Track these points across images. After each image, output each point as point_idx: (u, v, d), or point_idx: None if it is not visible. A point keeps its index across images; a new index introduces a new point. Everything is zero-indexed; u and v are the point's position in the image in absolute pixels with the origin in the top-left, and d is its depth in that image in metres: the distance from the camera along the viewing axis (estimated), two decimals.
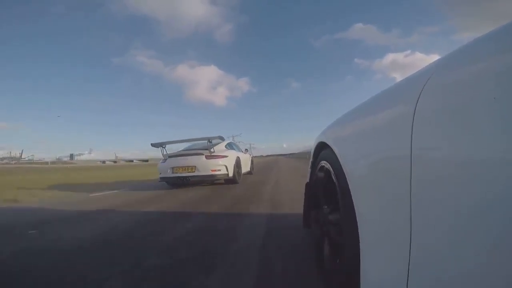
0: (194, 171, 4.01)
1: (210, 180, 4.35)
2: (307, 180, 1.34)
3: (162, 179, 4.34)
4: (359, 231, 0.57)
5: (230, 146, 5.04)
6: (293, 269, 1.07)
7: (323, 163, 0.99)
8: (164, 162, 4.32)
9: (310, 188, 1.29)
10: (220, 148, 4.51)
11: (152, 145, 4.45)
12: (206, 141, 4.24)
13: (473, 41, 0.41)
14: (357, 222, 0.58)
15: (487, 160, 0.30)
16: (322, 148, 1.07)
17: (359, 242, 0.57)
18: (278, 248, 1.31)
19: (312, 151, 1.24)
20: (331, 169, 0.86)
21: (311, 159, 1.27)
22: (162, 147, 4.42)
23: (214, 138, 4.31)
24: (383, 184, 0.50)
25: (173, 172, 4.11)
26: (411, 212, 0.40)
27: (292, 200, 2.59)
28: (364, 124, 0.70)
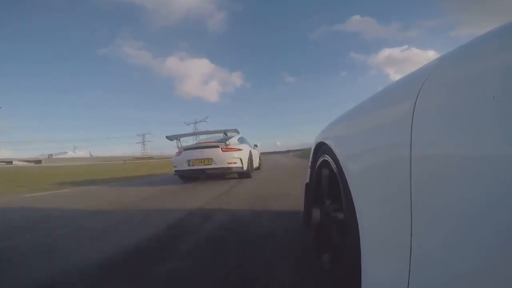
0: (210, 164, 3.97)
1: (224, 174, 4.35)
2: (307, 180, 1.34)
3: (177, 172, 4.25)
4: (359, 231, 0.57)
5: (241, 140, 4.91)
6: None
7: (323, 161, 0.99)
8: (180, 155, 4.21)
9: (310, 188, 1.28)
10: (233, 141, 4.40)
11: (167, 137, 4.37)
12: (222, 134, 4.26)
13: (472, 40, 0.41)
14: (357, 222, 0.58)
15: (487, 159, 0.30)
16: (321, 147, 1.07)
17: (359, 241, 0.56)
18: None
19: (312, 150, 1.24)
20: (331, 168, 0.86)
21: (310, 159, 1.27)
22: (177, 140, 4.37)
23: (230, 130, 4.27)
24: (384, 184, 0.50)
25: (189, 165, 4.05)
26: (411, 211, 0.40)
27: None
28: (364, 123, 0.69)
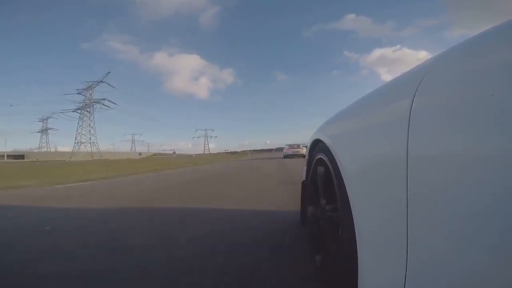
0: (298, 152, 14.66)
1: (299, 156, 13.89)
2: (303, 178, 1.35)
3: (286, 155, 15.71)
4: (355, 230, 0.57)
5: (304, 145, 11.43)
6: None
7: (319, 159, 0.99)
8: (289, 149, 15.71)
9: (306, 186, 1.29)
10: (302, 145, 14.72)
11: (286, 144, 17.42)
12: (300, 143, 15.90)
13: (469, 39, 0.40)
14: (353, 222, 0.58)
15: (484, 159, 0.30)
16: (317, 145, 1.07)
17: (355, 240, 0.56)
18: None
19: (308, 148, 1.25)
20: (327, 166, 0.86)
21: (306, 157, 1.28)
22: (288, 145, 16.31)
23: (303, 144, 13.66)
24: (381, 183, 0.50)
25: (292, 152, 15.20)
26: (407, 210, 0.40)
27: None
28: (361, 121, 0.69)
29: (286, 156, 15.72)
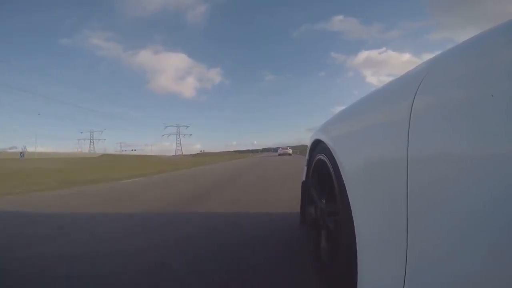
0: (286, 152, 26.25)
1: (287, 155, 23.73)
2: (303, 178, 1.35)
3: (280, 154, 25.45)
4: (355, 230, 0.57)
5: (290, 147, 30.84)
6: None
7: (319, 159, 0.99)
8: (282, 150, 26.86)
9: (306, 186, 1.29)
10: (289, 147, 29.67)
11: (280, 147, 30.54)
12: (288, 146, 30.91)
13: (468, 40, 0.41)
14: (353, 222, 0.58)
15: (484, 159, 0.30)
16: (318, 145, 1.07)
17: (355, 241, 0.56)
18: None
19: (308, 148, 1.25)
20: (327, 166, 0.86)
21: (307, 157, 1.28)
22: (281, 148, 28.93)
23: (291, 146, 41.65)
24: (381, 184, 0.50)
25: (283, 152, 25.88)
26: (407, 211, 0.40)
27: None
28: (362, 122, 0.69)
29: (280, 155, 24.44)
